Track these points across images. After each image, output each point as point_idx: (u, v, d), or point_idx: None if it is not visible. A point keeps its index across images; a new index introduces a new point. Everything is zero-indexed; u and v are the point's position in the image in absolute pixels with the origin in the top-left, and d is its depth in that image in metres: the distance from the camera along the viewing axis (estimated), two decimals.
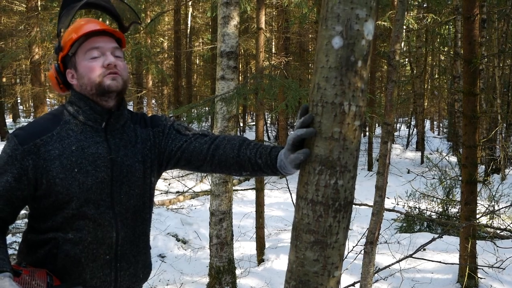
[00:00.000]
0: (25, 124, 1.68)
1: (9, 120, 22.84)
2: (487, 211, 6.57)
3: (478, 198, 5.36)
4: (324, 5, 1.31)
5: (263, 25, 6.12)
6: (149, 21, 11.74)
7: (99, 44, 1.65)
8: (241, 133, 21.08)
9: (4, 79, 20.27)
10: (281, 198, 10.40)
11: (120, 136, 1.72)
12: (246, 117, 25.54)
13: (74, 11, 1.67)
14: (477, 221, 5.36)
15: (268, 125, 21.05)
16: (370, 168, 14.51)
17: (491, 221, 7.06)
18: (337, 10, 1.27)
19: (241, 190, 10.10)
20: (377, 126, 21.60)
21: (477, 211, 5.41)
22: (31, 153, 1.58)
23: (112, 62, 1.64)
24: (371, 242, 3.64)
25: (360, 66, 1.29)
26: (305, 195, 1.36)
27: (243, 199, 10.07)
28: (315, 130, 1.33)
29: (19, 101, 26.17)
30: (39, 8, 13.41)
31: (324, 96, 1.31)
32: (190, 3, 17.19)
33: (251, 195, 10.23)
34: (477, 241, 5.28)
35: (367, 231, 3.82)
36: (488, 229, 6.81)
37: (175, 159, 1.78)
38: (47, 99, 17.47)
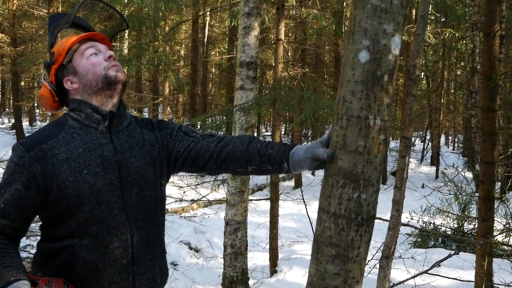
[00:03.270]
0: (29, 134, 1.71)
1: (25, 123, 23.06)
2: (504, 228, 6.48)
3: (494, 215, 5.30)
4: (352, 19, 1.31)
5: (282, 36, 6.13)
6: (167, 29, 11.85)
7: (94, 44, 1.73)
8: None
9: (22, 83, 20.50)
10: (294, 209, 10.34)
11: (126, 138, 1.73)
12: (260, 127, 25.57)
13: (60, 28, 1.78)
14: (494, 238, 5.29)
15: (282, 135, 21.05)
16: (384, 182, 14.40)
17: (507, 238, 6.96)
18: (365, 25, 1.27)
19: (255, 200, 10.08)
20: (391, 139, 21.49)
21: (494, 228, 5.34)
22: (39, 158, 1.57)
23: (113, 55, 1.72)
24: (386, 256, 3.62)
25: (387, 81, 1.29)
26: (328, 208, 1.36)
27: (256, 209, 10.04)
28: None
29: (35, 105, 26.42)
30: None
31: (349, 110, 1.31)
32: (208, 12, 17.34)
33: (264, 205, 10.20)
34: (494, 259, 5.21)
35: (382, 246, 3.79)
36: (505, 247, 6.72)
37: (182, 160, 1.78)
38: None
